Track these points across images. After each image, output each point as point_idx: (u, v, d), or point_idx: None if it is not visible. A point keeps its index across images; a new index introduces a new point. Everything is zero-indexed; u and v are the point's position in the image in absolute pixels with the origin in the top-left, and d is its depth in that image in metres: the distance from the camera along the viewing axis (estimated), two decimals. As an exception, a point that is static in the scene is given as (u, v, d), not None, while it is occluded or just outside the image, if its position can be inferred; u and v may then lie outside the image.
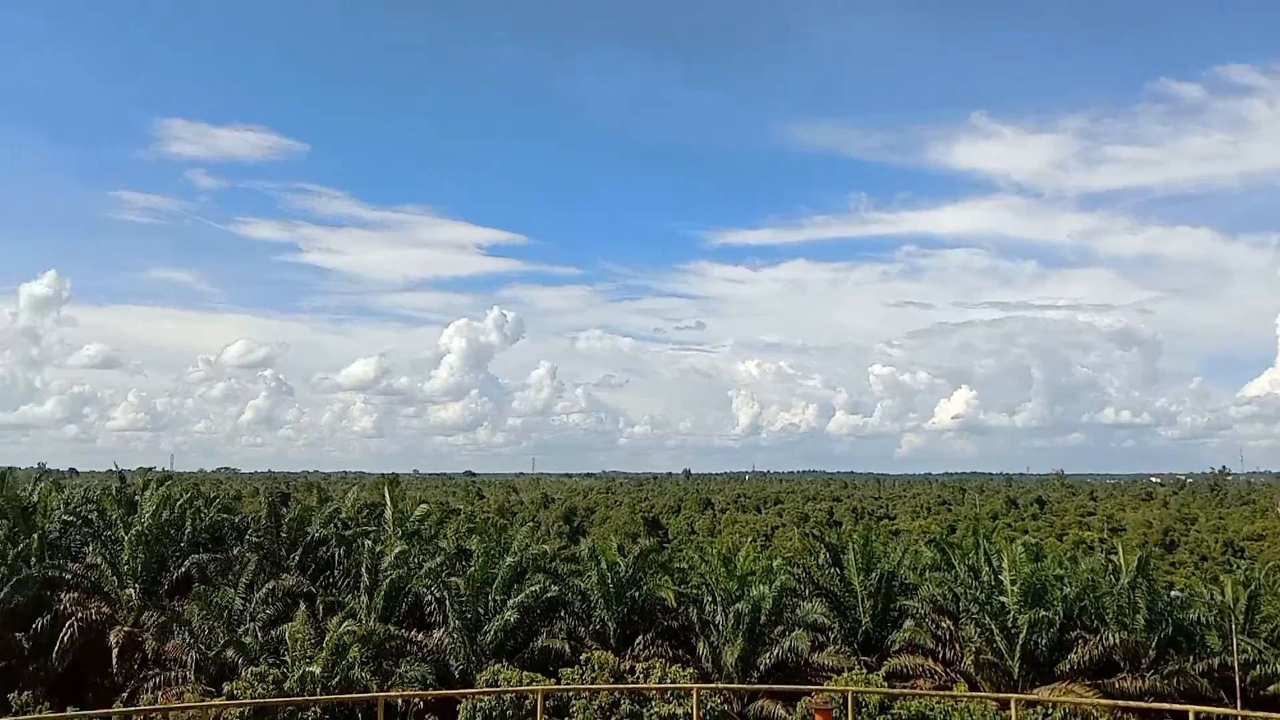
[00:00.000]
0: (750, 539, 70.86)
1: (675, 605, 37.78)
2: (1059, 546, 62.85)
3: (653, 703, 28.11)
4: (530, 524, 55.16)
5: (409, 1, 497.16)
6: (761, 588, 36.51)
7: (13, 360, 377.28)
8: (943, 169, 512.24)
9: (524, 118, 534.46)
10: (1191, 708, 16.57)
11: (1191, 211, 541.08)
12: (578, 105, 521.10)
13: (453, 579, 36.04)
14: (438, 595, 36.89)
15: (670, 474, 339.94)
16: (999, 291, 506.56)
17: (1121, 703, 30.31)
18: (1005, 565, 36.98)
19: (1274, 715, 30.47)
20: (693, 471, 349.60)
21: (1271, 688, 34.00)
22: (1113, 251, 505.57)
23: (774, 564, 43.07)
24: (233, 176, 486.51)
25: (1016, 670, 34.56)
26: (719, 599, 36.82)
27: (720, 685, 32.10)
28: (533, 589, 36.13)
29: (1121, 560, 40.11)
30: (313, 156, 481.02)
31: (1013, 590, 35.74)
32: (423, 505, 50.69)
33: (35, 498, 44.40)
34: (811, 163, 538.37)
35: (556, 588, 37.46)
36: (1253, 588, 41.08)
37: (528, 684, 29.55)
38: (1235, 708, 31.95)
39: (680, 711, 29.01)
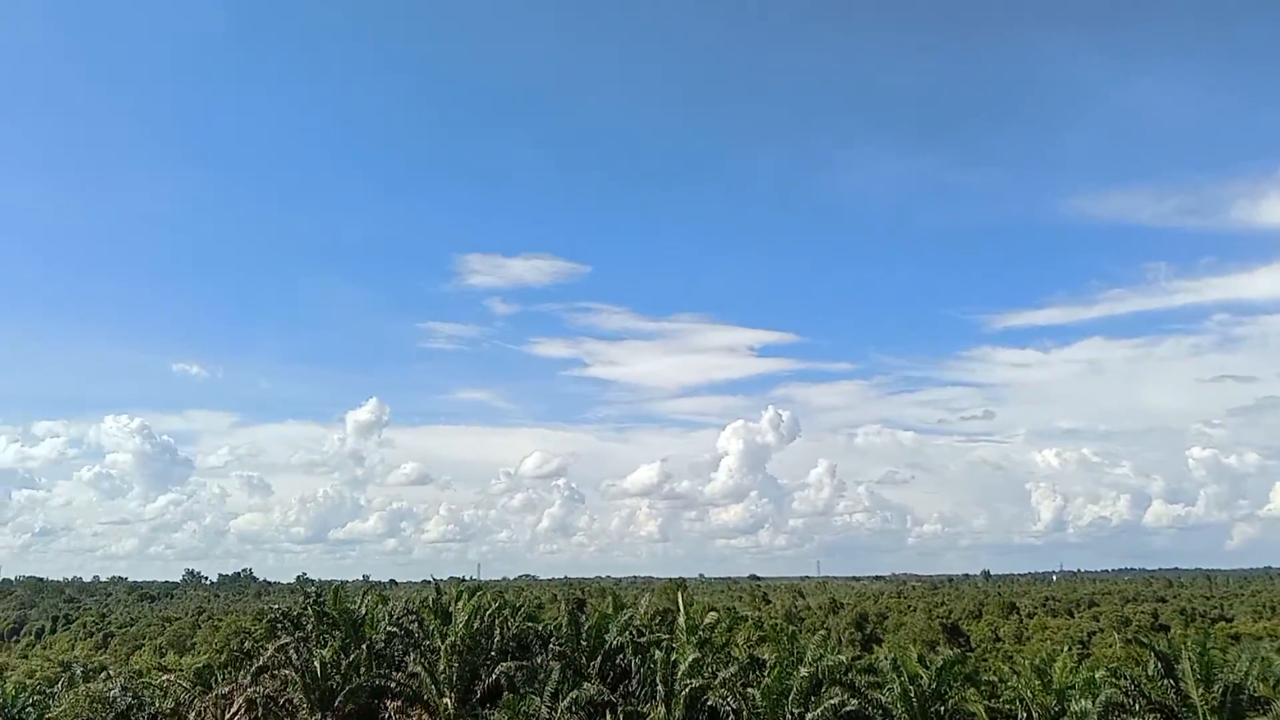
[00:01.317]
0: (1065, 647, 65.35)
1: (987, 720, 35.37)
2: None
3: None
4: (821, 631, 53.79)
5: (667, 120, 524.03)
6: (1084, 702, 33.54)
7: (341, 481, 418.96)
8: (1250, 228, 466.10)
9: (789, 216, 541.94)
10: None
11: None
12: (845, 197, 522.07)
13: (749, 690, 35.67)
14: (734, 706, 36.58)
15: (966, 575, 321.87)
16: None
17: None
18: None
19: None
20: (992, 572, 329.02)
21: None
22: None
23: (1096, 675, 39.45)
24: (524, 301, 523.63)
25: None
26: (1035, 715, 34.11)
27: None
28: (831, 702, 35.03)
29: None
30: (593, 276, 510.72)
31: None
32: (712, 612, 50.79)
33: (364, 610, 48.47)
34: (1100, 234, 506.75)
35: (855, 701, 36.10)
36: None
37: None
38: None
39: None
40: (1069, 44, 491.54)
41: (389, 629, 46.23)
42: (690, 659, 38.28)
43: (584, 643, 42.39)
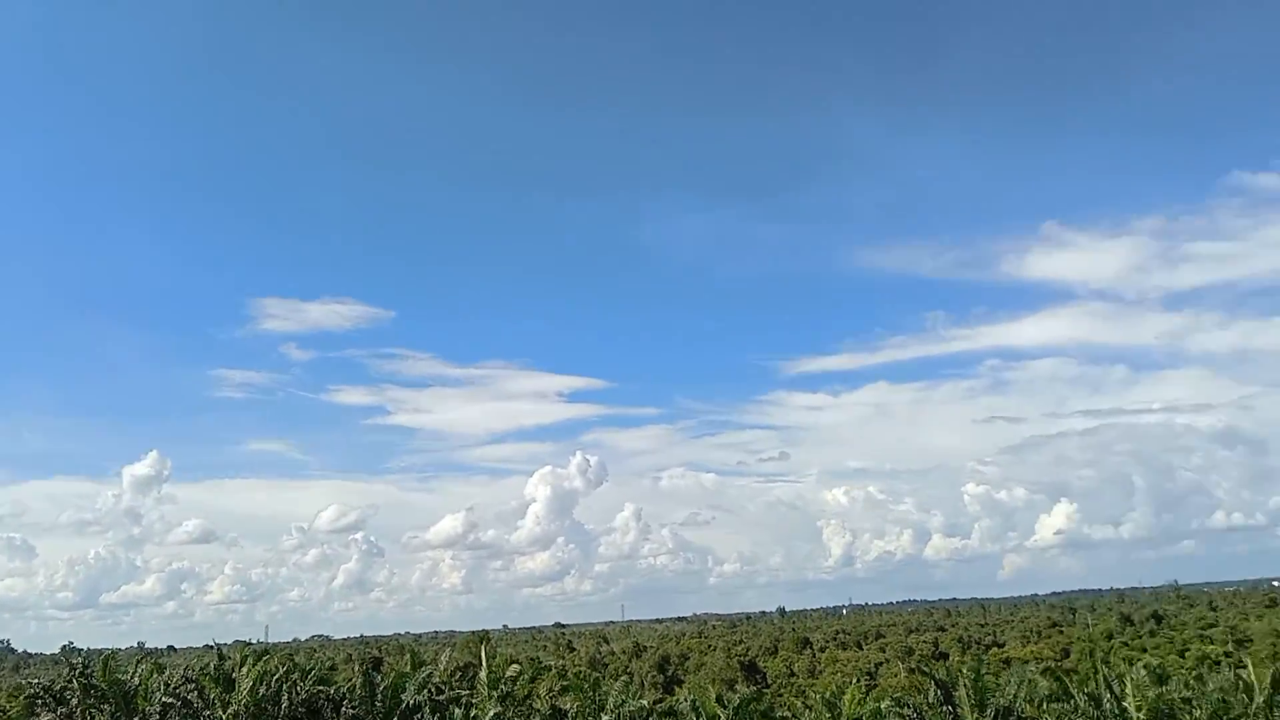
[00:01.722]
0: (854, 679, 68.19)
1: (781, 756, 36.32)
2: (1182, 664, 59.25)
3: None
4: (623, 677, 53.96)
5: (478, 170, 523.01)
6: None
7: (115, 541, 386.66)
8: (1018, 281, 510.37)
9: (597, 266, 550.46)
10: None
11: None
12: (651, 248, 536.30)
13: (550, 741, 35.26)
14: (536, 759, 36.04)
15: (764, 613, 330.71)
16: (1090, 399, 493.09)
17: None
18: (1128, 690, 35.04)
19: None
20: (787, 609, 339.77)
21: None
22: (1205, 349, 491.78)
23: (881, 705, 41.35)
24: (324, 347, 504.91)
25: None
26: (826, 746, 35.32)
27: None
28: (632, 748, 35.09)
29: (1253, 676, 37.70)
30: (398, 322, 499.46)
31: (1139, 718, 33.72)
32: (515, 664, 50.05)
33: (136, 680, 44.85)
34: (885, 285, 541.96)
35: (657, 745, 36.34)
36: (1405, 699, 38.15)
37: None
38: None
39: None
40: (860, 111, 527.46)
41: (164, 700, 42.94)
42: (491, 714, 37.53)
43: (379, 704, 40.78)
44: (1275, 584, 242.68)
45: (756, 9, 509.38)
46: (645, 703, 41.52)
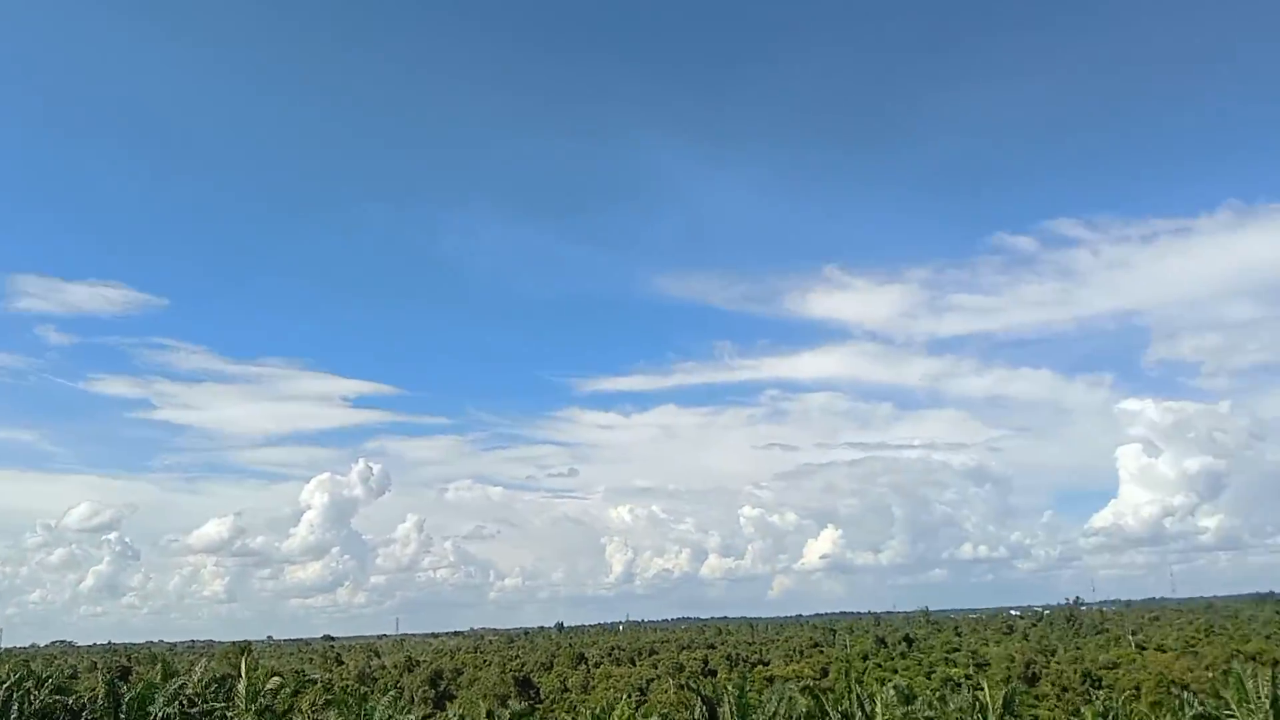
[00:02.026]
0: (625, 695, 69.10)
1: (548, 772, 36.32)
2: (928, 685, 63.51)
3: None
4: (393, 691, 52.56)
5: (272, 156, 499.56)
6: (639, 746, 35.56)
7: None
8: (799, 317, 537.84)
9: (394, 272, 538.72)
10: None
11: (1032, 354, 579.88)
12: (452, 258, 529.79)
13: (310, 757, 33.84)
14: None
15: (542, 628, 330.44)
16: (858, 433, 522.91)
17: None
18: (878, 709, 37.17)
19: None
20: (565, 624, 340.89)
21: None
22: (962, 393, 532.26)
23: (649, 721, 42.12)
24: (85, 332, 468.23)
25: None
26: (593, 762, 35.61)
27: None
28: (396, 763, 34.22)
29: (988, 697, 40.84)
30: (171, 311, 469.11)
31: (887, 735, 35.83)
32: (276, 677, 47.79)
33: None
34: (679, 313, 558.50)
35: (422, 760, 35.58)
36: (1111, 718, 42.35)
37: None
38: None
39: None
40: (665, 142, 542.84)
41: None
42: (247, 728, 35.63)
43: (123, 716, 37.95)
44: (1013, 613, 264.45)
45: (574, 34, 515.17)
46: (413, 718, 40.59)
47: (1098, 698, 62.68)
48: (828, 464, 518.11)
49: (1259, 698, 33.55)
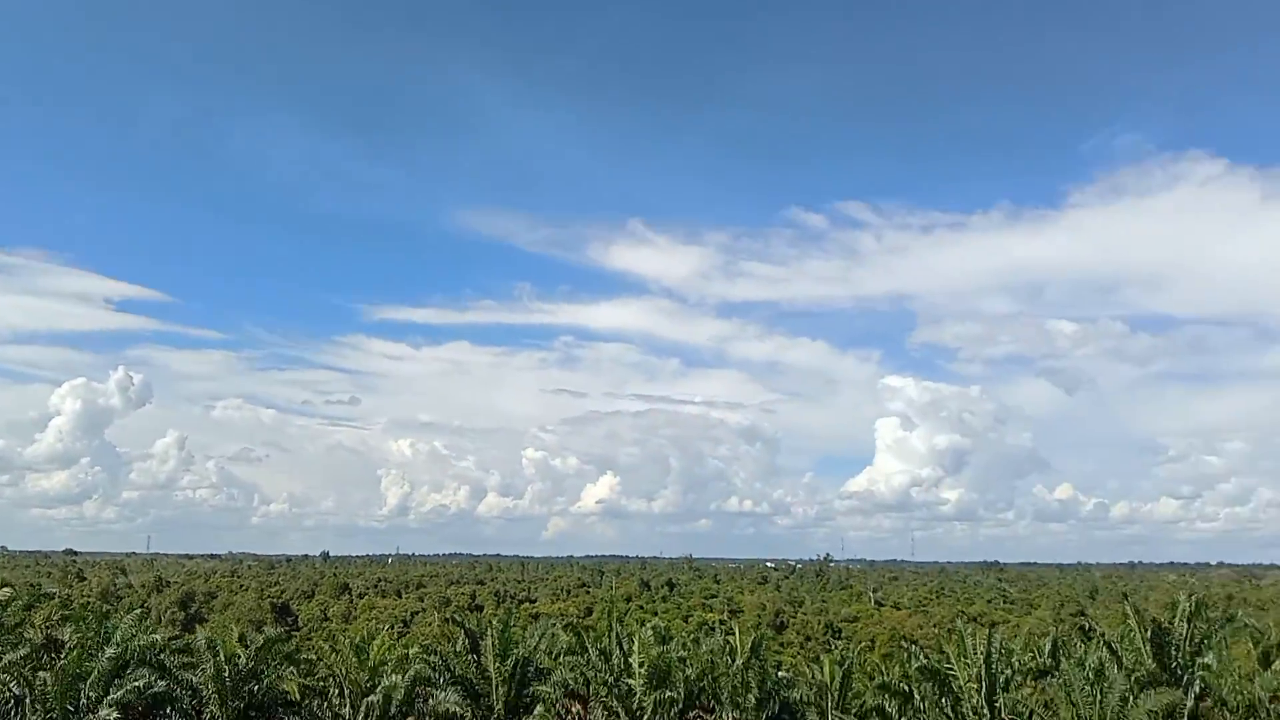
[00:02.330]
0: (388, 626, 68.47)
1: (300, 699, 35.51)
2: (684, 628, 66.32)
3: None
4: (139, 611, 49.79)
5: (36, 32, 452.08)
6: (395, 677, 35.30)
7: None
8: (601, 268, 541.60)
9: (174, 171, 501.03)
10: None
11: (811, 326, 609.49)
12: (238, 166, 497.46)
13: (39, 674, 31.67)
14: (17, 692, 32.20)
15: (307, 556, 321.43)
16: (645, 385, 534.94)
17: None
18: (635, 648, 38.40)
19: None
20: (332, 554, 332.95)
21: (858, 758, 37.64)
22: (744, 356, 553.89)
23: (410, 652, 41.88)
24: None
25: (640, 752, 35.72)
26: (348, 691, 35.10)
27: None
28: (136, 684, 32.52)
29: (738, 642, 43.01)
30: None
31: (640, 673, 37.12)
32: (7, 588, 44.31)
33: None
34: (480, 249, 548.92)
35: (164, 682, 33.98)
36: (846, 666, 45.53)
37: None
38: (828, 778, 34.96)
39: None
40: (484, 76, 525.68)
41: None
42: (-35, 642, 32.86)
43: None
44: (769, 565, 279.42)
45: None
46: (158, 638, 38.63)
47: (837, 647, 67.39)
48: (613, 413, 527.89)
49: (975, 653, 36.99)
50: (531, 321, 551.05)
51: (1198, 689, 34.78)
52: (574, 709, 38.72)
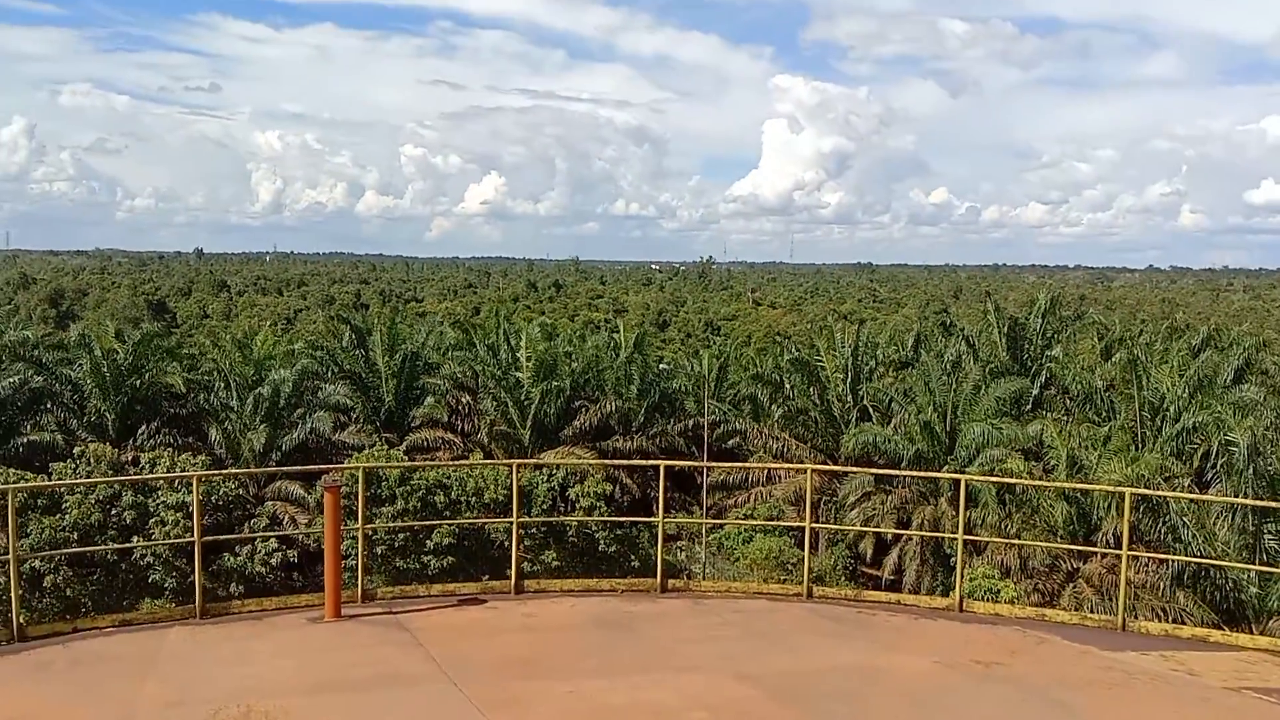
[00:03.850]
0: (270, 323, 68.13)
1: (185, 392, 35.54)
2: (571, 326, 68.04)
3: (159, 492, 26.60)
4: (8, 308, 48.13)
5: None
6: (282, 372, 35.49)
7: None
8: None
9: None
10: (665, 462, 19.13)
11: (704, 18, 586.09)
12: None
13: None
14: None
15: (179, 253, 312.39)
16: (530, 79, 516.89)
17: (610, 462, 34.26)
18: (522, 344, 39.30)
19: (728, 464, 36.30)
20: (206, 251, 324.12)
21: (731, 441, 40.31)
22: (633, 49, 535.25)
23: (295, 347, 41.98)
24: None
25: (528, 438, 37.45)
26: (234, 384, 35.24)
27: (233, 471, 31.08)
28: (11, 380, 31.96)
29: (622, 338, 44.44)
30: None
31: (527, 366, 38.21)
32: None
33: None
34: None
35: (41, 378, 33.45)
36: (723, 360, 47.82)
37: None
38: (702, 459, 37.55)
39: (192, 499, 27.80)
40: None
41: None
42: None
43: None
44: (654, 267, 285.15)
45: None
46: (30, 334, 37.63)
47: (715, 343, 70.47)
48: (496, 109, 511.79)
49: (843, 346, 39.18)
50: (403, 3, 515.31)
51: (1044, 378, 37.81)
52: (463, 400, 39.95)
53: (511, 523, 12.88)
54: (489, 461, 32.82)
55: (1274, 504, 22.66)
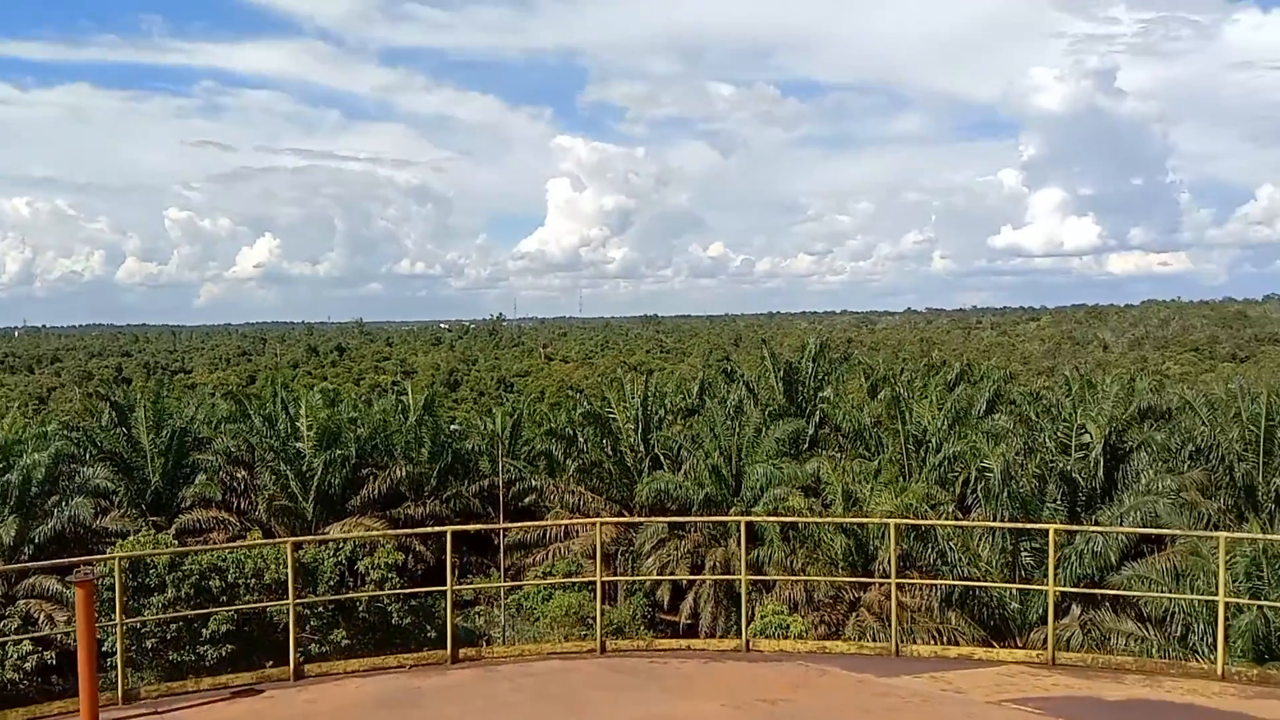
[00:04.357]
0: (19, 404, 62.47)
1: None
2: (356, 391, 66.00)
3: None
4: None
5: None
6: (34, 456, 32.53)
7: None
8: (243, 1, 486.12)
9: None
10: (451, 528, 18.79)
11: (481, 79, 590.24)
12: None
13: None
14: None
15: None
16: (303, 139, 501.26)
17: (396, 532, 33.35)
18: (302, 412, 37.76)
19: (520, 524, 36.06)
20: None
21: (528, 499, 40.06)
22: (411, 109, 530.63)
23: (49, 429, 38.65)
24: None
25: (311, 511, 35.88)
26: (-25, 473, 31.98)
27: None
28: None
29: (410, 400, 43.49)
30: None
31: (309, 435, 36.72)
32: None
33: None
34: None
35: None
36: (516, 417, 47.68)
37: None
38: (499, 519, 37.12)
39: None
40: None
41: None
42: None
43: None
44: (443, 325, 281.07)
45: None
46: None
47: (508, 400, 70.08)
48: (268, 169, 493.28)
49: (633, 397, 39.92)
50: (165, 62, 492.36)
51: (818, 418, 39.77)
52: (239, 475, 37.86)
53: (288, 605, 12.24)
54: (262, 541, 31.11)
55: (1028, 525, 24.66)
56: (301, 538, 31.25)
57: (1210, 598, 17.35)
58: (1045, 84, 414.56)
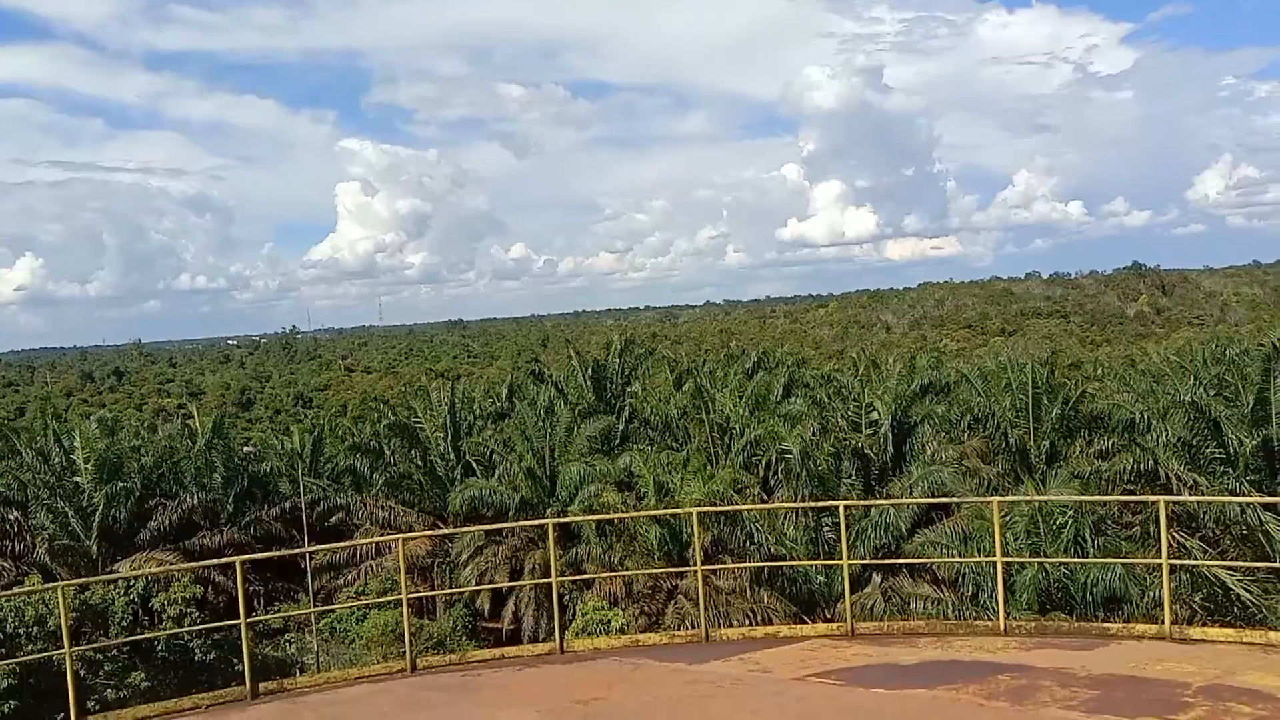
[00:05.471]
0: None
1: None
2: (138, 417, 61.82)
3: None
4: None
5: None
6: None
7: None
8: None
9: None
10: (240, 558, 18.06)
11: (258, 81, 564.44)
12: None
13: None
14: None
15: None
16: (64, 151, 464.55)
17: (183, 566, 31.48)
18: (78, 444, 35.09)
19: (323, 546, 34.83)
20: None
21: (335, 518, 38.61)
22: (183, 115, 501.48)
23: None
24: None
25: (95, 549, 33.38)
26: None
27: None
28: None
29: (198, 424, 41.15)
30: None
31: (87, 469, 34.15)
32: None
33: None
34: None
35: None
36: (317, 433, 45.92)
37: None
38: (304, 541, 35.61)
39: None
40: None
41: None
42: None
43: None
44: (231, 342, 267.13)
45: None
46: None
47: (307, 416, 67.44)
48: (25, 183, 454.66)
49: (440, 405, 39.22)
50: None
51: (628, 413, 40.31)
52: (10, 517, 34.75)
53: (65, 654, 11.34)
54: (39, 587, 28.58)
55: (821, 504, 25.82)
56: (83, 579, 28.98)
57: (989, 559, 18.67)
58: (819, 82, 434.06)
